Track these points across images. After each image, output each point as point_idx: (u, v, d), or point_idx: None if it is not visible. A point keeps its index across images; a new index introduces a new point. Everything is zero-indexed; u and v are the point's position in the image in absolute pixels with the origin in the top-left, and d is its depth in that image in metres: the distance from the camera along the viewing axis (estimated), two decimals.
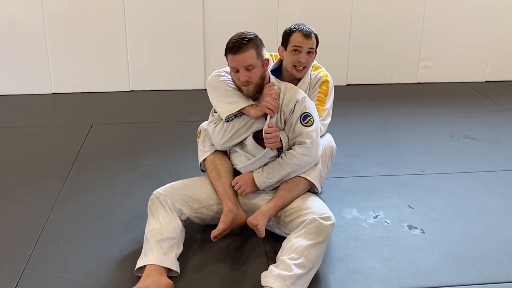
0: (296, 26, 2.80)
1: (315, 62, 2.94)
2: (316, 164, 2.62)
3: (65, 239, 2.66)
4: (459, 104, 4.80)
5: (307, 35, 2.75)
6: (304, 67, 2.80)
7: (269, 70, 2.72)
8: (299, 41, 2.75)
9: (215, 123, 2.66)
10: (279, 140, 2.54)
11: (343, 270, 2.42)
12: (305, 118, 2.57)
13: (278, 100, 2.57)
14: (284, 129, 2.61)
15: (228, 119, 2.59)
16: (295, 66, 2.78)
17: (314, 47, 2.78)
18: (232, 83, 2.63)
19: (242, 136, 2.61)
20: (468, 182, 3.28)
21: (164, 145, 3.84)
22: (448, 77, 5.43)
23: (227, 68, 2.66)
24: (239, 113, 2.59)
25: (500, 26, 5.33)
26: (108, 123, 4.28)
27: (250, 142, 2.60)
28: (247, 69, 2.51)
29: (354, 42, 5.21)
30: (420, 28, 5.24)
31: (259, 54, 2.53)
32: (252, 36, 2.52)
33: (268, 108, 2.51)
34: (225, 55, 2.55)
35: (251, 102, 2.59)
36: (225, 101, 2.60)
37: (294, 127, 2.57)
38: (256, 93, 2.58)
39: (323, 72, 2.92)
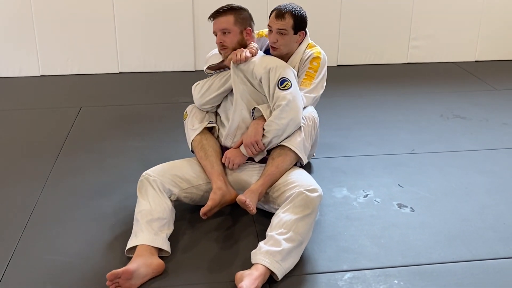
0: (278, 6, 2.78)
1: (310, 41, 2.91)
2: (299, 132, 2.62)
3: (55, 221, 2.65)
4: (449, 83, 4.80)
5: (279, 15, 2.74)
6: (277, 48, 2.78)
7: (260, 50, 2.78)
8: (270, 21, 2.78)
9: (198, 84, 2.80)
10: (262, 144, 2.58)
11: (333, 248, 2.43)
12: (283, 83, 2.59)
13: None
14: (265, 97, 2.66)
15: (209, 73, 2.75)
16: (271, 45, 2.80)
17: (287, 28, 2.74)
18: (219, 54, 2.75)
19: (217, 90, 2.71)
20: (457, 161, 3.30)
21: (154, 127, 3.82)
22: (438, 57, 5.43)
23: None
24: (220, 70, 2.73)
25: (490, 6, 5.31)
26: (97, 105, 4.25)
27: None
28: (223, 32, 2.64)
29: (344, 22, 5.17)
30: (410, 8, 5.22)
31: (238, 21, 2.65)
32: (237, 7, 2.65)
33: (236, 54, 2.61)
34: (209, 19, 2.70)
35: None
36: (209, 62, 2.76)
37: (273, 93, 2.60)
38: None
39: (316, 49, 2.89)
